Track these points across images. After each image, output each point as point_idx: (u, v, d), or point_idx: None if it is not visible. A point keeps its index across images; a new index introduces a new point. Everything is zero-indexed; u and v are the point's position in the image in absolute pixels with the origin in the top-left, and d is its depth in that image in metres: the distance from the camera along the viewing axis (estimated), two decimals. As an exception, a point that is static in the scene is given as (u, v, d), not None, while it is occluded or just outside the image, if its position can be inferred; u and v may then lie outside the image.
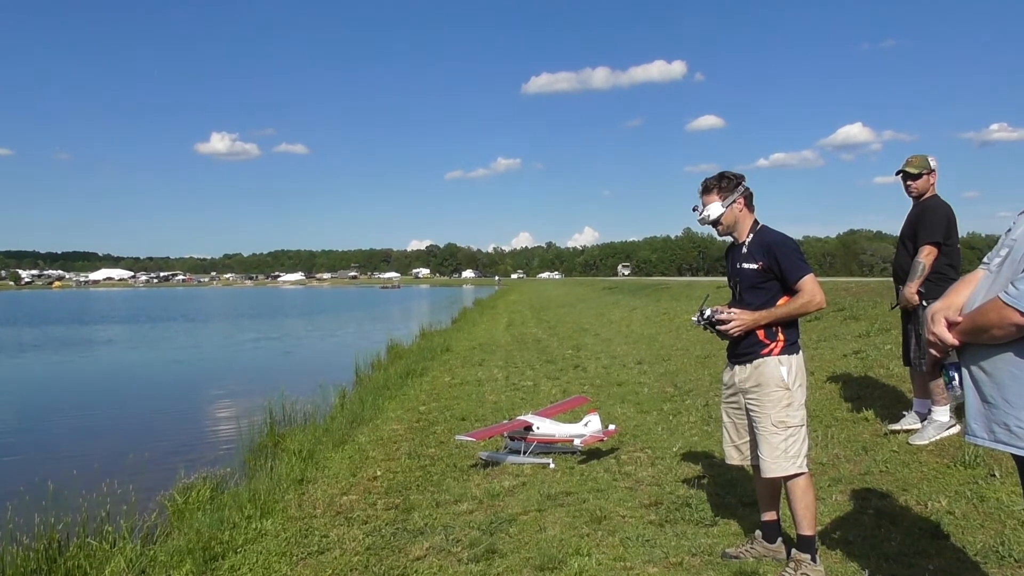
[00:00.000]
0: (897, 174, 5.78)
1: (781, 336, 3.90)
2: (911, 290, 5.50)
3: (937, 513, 4.38)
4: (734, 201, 3.96)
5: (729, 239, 4.12)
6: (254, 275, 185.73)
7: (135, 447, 9.21)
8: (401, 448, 7.30)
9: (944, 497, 4.57)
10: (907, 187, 5.75)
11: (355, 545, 4.71)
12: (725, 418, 4.17)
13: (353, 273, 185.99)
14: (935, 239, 5.49)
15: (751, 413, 3.94)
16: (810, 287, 3.82)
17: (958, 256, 5.63)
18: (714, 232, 4.13)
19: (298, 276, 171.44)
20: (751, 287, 3.94)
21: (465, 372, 12.78)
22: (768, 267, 3.87)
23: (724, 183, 3.97)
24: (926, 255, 5.49)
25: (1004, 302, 2.27)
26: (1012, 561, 3.70)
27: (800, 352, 3.95)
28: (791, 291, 3.86)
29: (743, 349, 3.97)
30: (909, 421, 5.88)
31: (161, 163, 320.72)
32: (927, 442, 5.52)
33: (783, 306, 3.86)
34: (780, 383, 3.84)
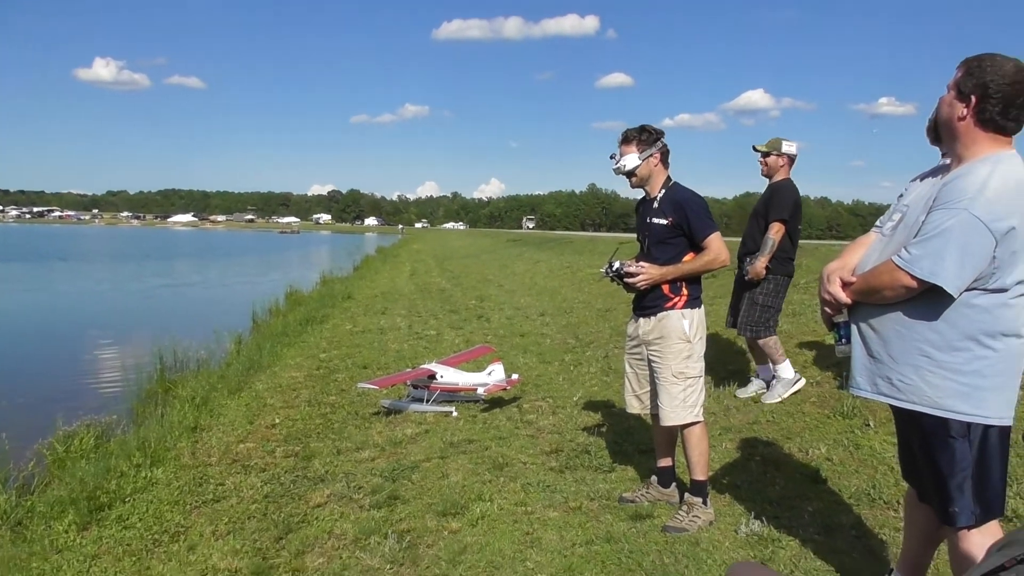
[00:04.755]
0: (754, 149, 6.00)
1: (685, 291, 4.00)
2: (761, 263, 5.77)
3: (817, 460, 4.66)
4: (651, 155, 4.00)
5: (641, 193, 4.17)
6: (141, 214, 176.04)
7: (6, 393, 8.62)
8: (301, 396, 7.18)
9: (824, 445, 4.86)
10: (760, 164, 5.99)
11: (253, 493, 4.62)
12: (628, 368, 4.28)
13: (250, 216, 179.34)
14: (783, 216, 5.77)
15: (653, 364, 4.05)
16: (716, 245, 3.93)
17: (798, 236, 6.01)
18: (627, 183, 4.17)
19: (190, 217, 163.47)
20: (659, 242, 4.02)
21: (367, 320, 12.63)
22: (677, 223, 3.94)
23: (644, 136, 4.01)
24: (775, 232, 5.76)
25: (897, 265, 2.39)
26: (882, 503, 3.99)
27: (702, 307, 4.08)
28: (698, 248, 3.96)
29: (648, 302, 4.06)
30: (755, 387, 6.19)
31: (35, 88, 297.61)
32: (778, 400, 5.83)
33: (689, 262, 3.96)
34: (682, 336, 3.96)
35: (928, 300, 2.38)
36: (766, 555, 3.51)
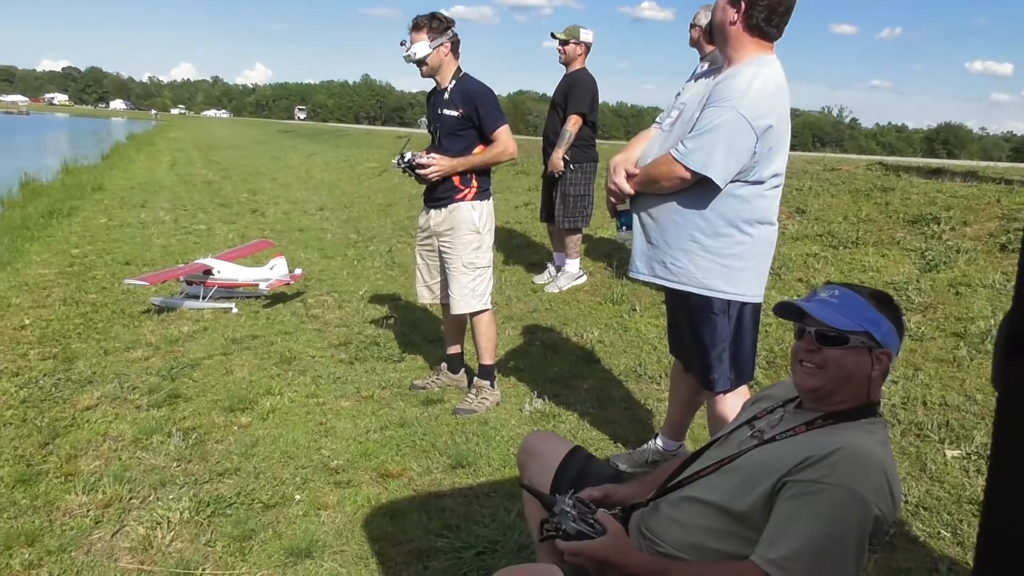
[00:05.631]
0: (552, 36, 6.19)
1: (475, 183, 4.07)
2: (558, 156, 6.05)
3: (591, 342, 5.08)
4: (441, 44, 3.95)
5: (432, 83, 4.14)
6: None
7: None
8: (53, 294, 6.50)
9: (597, 329, 5.30)
10: (558, 52, 6.19)
11: (7, 399, 4.19)
12: (419, 260, 4.34)
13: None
14: (581, 110, 6.01)
15: (444, 254, 4.13)
16: (504, 138, 4.00)
17: (597, 123, 6.29)
18: (402, 76, 4.13)
19: None
20: (450, 133, 4.03)
21: (125, 214, 11.55)
22: (467, 115, 3.96)
23: (435, 23, 3.93)
24: (573, 124, 6.00)
25: (674, 157, 2.61)
26: (647, 378, 4.46)
27: (491, 199, 4.19)
28: (487, 140, 4.02)
29: (439, 194, 4.09)
30: (551, 273, 6.61)
31: None
32: (558, 291, 6.27)
33: (479, 154, 4.02)
34: (472, 227, 4.06)
35: (699, 191, 2.64)
36: (549, 428, 3.82)
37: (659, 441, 3.45)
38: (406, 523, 2.94)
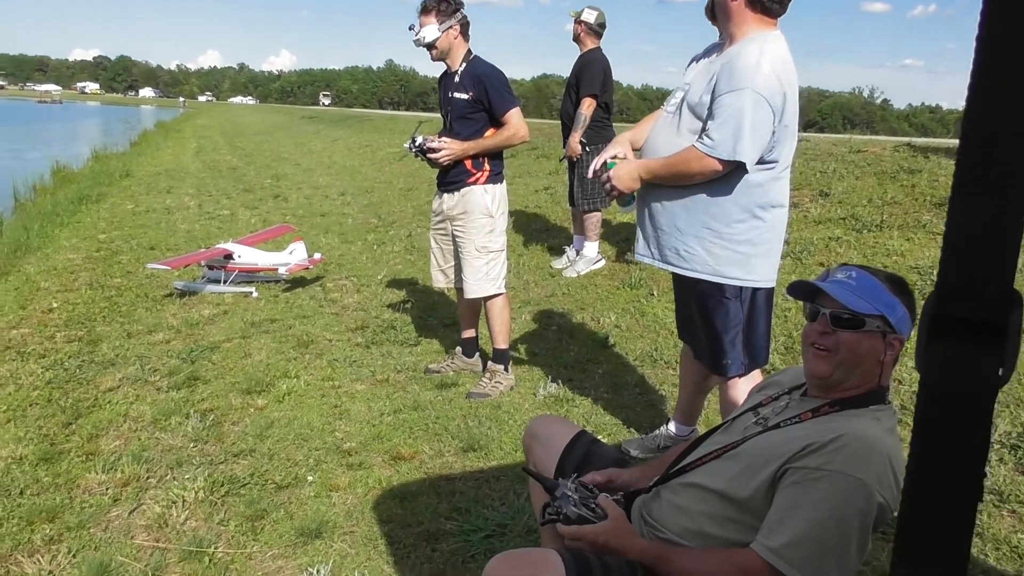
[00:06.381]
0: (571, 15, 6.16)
1: (487, 166, 4.06)
2: (575, 140, 6.02)
3: (607, 327, 5.07)
4: (451, 27, 3.93)
5: (443, 66, 4.12)
6: None
7: None
8: (80, 278, 6.61)
9: (613, 313, 5.28)
10: (572, 31, 6.15)
11: (33, 380, 4.28)
12: (433, 244, 4.34)
13: (0, 82, 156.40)
14: (593, 91, 5.96)
15: (457, 238, 4.13)
16: (516, 120, 3.98)
17: (613, 104, 6.24)
18: (426, 59, 4.10)
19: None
20: (461, 117, 4.02)
21: (151, 199, 11.70)
22: (478, 98, 3.95)
23: (443, 6, 3.90)
24: (587, 107, 5.96)
25: (704, 152, 2.52)
26: (663, 363, 4.44)
27: (504, 182, 4.17)
28: (498, 123, 4.00)
29: (451, 178, 4.09)
30: (570, 256, 6.59)
31: None
32: (576, 275, 6.24)
33: (490, 137, 4.00)
34: (484, 211, 4.05)
35: (715, 178, 2.60)
36: (562, 413, 3.82)
37: (671, 426, 3.44)
38: (416, 505, 2.96)
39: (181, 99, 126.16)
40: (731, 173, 2.56)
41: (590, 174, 2.90)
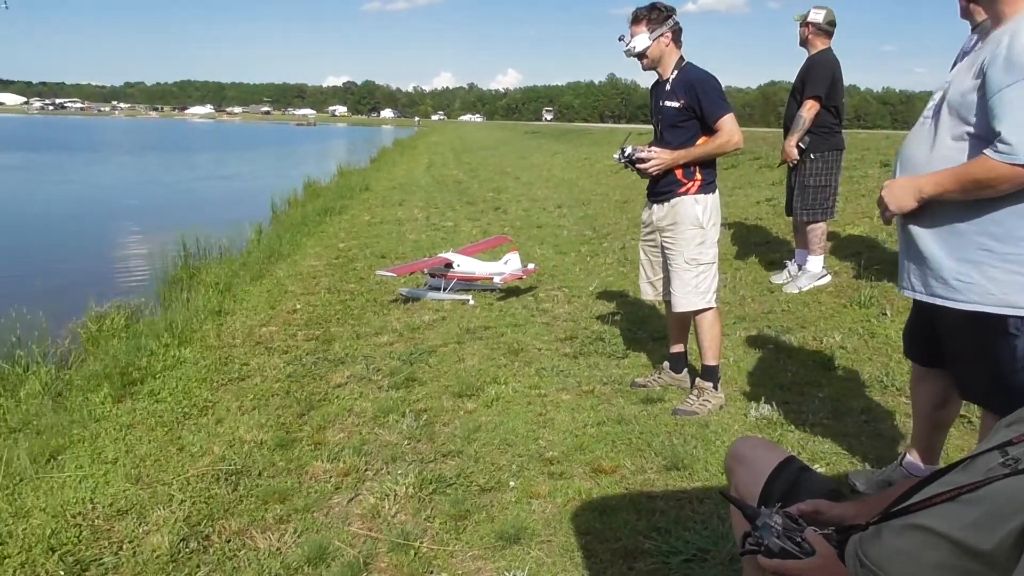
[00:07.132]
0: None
1: (698, 176, 3.92)
2: (791, 143, 5.63)
3: (831, 347, 4.71)
4: (662, 35, 3.85)
5: (654, 75, 4.05)
6: (159, 106, 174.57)
7: (43, 275, 8.86)
8: (320, 283, 7.28)
9: (839, 333, 4.89)
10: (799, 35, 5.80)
11: (276, 373, 4.76)
12: (642, 255, 4.28)
13: (266, 108, 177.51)
14: (817, 93, 5.56)
15: (666, 250, 4.03)
16: (729, 127, 3.81)
17: (842, 110, 5.77)
18: (638, 66, 4.04)
19: (207, 109, 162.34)
20: (672, 126, 3.92)
21: (385, 211, 12.64)
22: (689, 105, 3.83)
23: (654, 14, 3.84)
24: (808, 109, 5.57)
25: (1005, 162, 2.12)
26: (894, 390, 4.04)
27: (716, 192, 4.01)
28: (710, 131, 3.85)
29: (661, 188, 4.00)
30: (791, 271, 6.17)
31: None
32: (798, 291, 5.81)
33: (701, 146, 3.86)
34: (695, 222, 3.92)
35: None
36: (774, 437, 3.59)
37: (907, 461, 3.06)
38: (614, 520, 2.91)
39: (416, 118, 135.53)
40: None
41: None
